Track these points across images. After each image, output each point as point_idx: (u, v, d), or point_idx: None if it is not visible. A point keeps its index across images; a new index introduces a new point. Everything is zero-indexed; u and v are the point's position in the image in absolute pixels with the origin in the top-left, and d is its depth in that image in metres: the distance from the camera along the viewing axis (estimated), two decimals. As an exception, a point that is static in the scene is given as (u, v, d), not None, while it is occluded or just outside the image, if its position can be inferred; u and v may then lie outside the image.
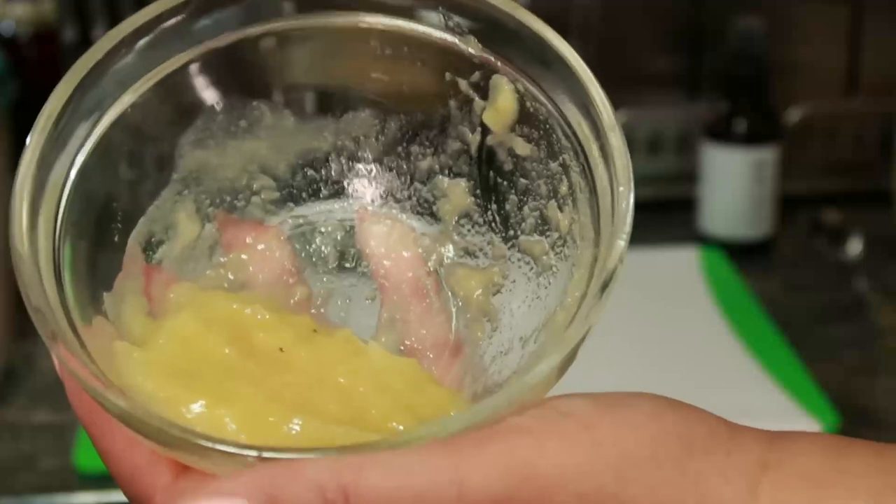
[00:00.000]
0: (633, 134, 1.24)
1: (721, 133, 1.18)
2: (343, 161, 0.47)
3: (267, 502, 0.34)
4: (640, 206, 0.40)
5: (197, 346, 0.41)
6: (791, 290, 1.14)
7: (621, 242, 0.39)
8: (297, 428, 0.38)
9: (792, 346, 1.02)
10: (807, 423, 0.90)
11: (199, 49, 0.44)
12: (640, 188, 0.39)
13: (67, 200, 0.41)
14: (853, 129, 1.26)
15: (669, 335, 1.04)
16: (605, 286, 0.38)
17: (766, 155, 1.18)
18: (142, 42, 0.43)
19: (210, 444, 0.35)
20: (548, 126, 0.42)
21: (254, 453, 0.35)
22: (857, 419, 0.94)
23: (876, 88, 1.25)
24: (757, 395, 0.95)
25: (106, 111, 0.42)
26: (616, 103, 0.40)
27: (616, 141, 0.40)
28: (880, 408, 0.97)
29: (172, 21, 0.43)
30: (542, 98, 0.42)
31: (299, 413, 0.39)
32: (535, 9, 0.42)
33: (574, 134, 0.41)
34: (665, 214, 1.25)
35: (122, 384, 0.39)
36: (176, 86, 0.44)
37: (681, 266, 1.15)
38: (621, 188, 0.39)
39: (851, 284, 1.14)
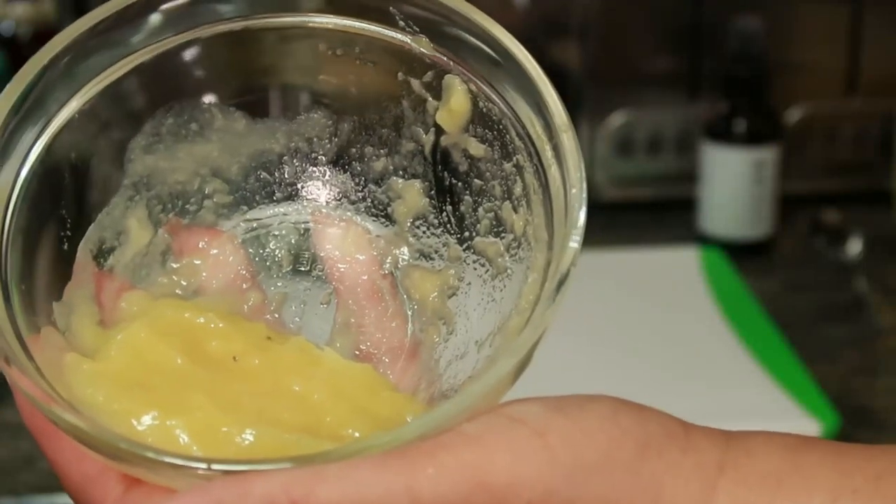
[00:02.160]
0: (633, 134, 1.24)
1: (721, 133, 1.18)
2: (296, 163, 0.46)
3: None
4: (640, 206, 0.40)
5: (148, 356, 0.41)
6: (791, 290, 1.14)
7: (574, 245, 0.38)
8: (251, 438, 0.38)
9: (792, 346, 1.01)
10: (806, 424, 0.90)
11: (148, 52, 0.43)
12: (640, 188, 0.39)
13: (14, 207, 0.40)
14: (853, 129, 1.26)
15: (669, 335, 1.04)
16: (557, 290, 0.38)
17: (766, 155, 1.18)
18: (89, 46, 0.42)
19: (158, 457, 0.35)
20: (501, 126, 0.42)
21: (203, 465, 0.35)
22: (856, 419, 0.94)
23: (876, 88, 1.25)
24: (757, 395, 0.95)
25: (53, 117, 0.42)
26: (616, 103, 0.40)
27: (569, 142, 0.39)
28: (880, 408, 0.97)
29: (120, 24, 0.42)
30: (495, 98, 0.42)
31: (253, 422, 0.38)
32: (535, 9, 0.42)
33: (527, 134, 0.41)
34: (665, 214, 1.25)
35: (72, 397, 0.38)
36: (124, 90, 0.43)
37: (681, 266, 1.15)
38: (573, 190, 0.39)
39: (851, 284, 1.14)
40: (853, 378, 1.00)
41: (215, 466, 0.35)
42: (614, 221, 1.25)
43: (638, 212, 1.25)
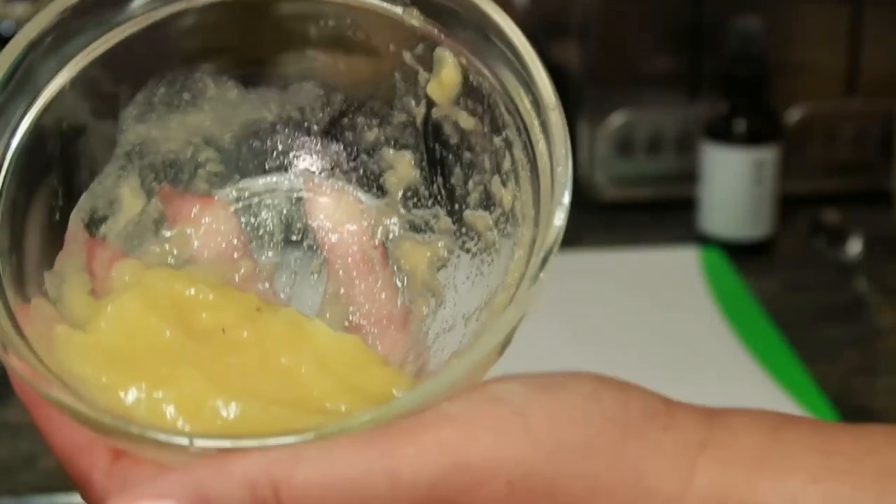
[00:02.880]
0: (633, 134, 1.24)
1: (721, 133, 1.18)
2: (289, 132, 0.47)
3: (197, 501, 0.34)
4: (640, 206, 0.40)
5: (138, 329, 0.41)
6: (791, 290, 1.14)
7: (558, 223, 0.38)
8: (238, 411, 0.38)
9: (792, 346, 1.02)
10: (807, 423, 0.90)
11: (139, 22, 0.43)
12: (640, 188, 0.40)
13: (4, 180, 0.41)
14: (853, 129, 1.26)
15: (669, 335, 1.04)
16: (540, 269, 0.38)
17: (766, 155, 1.18)
18: (78, 18, 0.42)
19: (141, 433, 0.35)
20: (491, 100, 0.42)
21: (185, 440, 0.35)
22: (856, 419, 0.94)
23: (876, 88, 1.25)
24: (756, 395, 0.95)
25: (43, 88, 0.42)
26: (616, 103, 0.40)
27: (556, 120, 0.40)
28: (880, 408, 0.97)
29: None
30: (486, 72, 0.42)
31: (240, 396, 0.39)
32: (535, 8, 0.43)
33: (517, 110, 0.41)
34: (665, 214, 1.25)
35: (61, 369, 0.38)
36: (115, 61, 0.43)
37: (681, 266, 1.15)
38: (559, 168, 0.39)
39: (851, 284, 1.14)
40: (853, 378, 1.00)
41: (197, 442, 0.35)
42: (614, 221, 1.25)
43: (638, 212, 1.25)
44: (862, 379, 1.01)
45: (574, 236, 1.24)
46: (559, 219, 0.38)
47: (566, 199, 0.39)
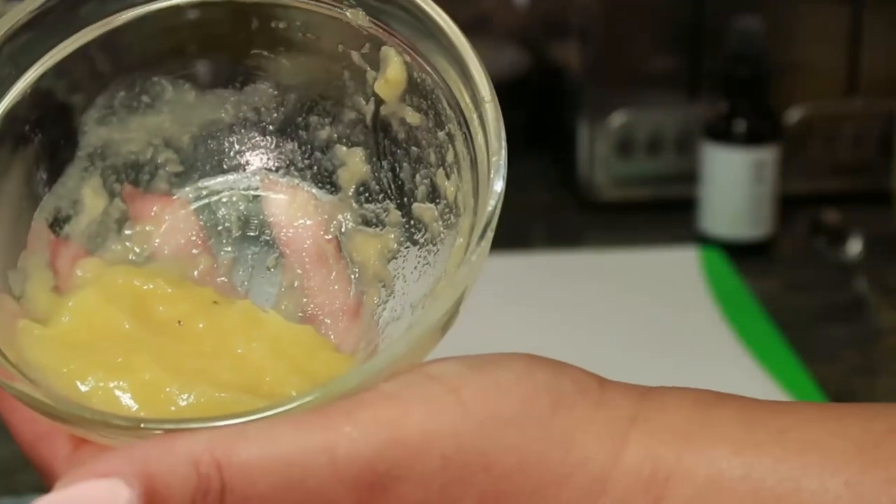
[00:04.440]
0: (633, 134, 1.24)
1: (721, 133, 1.18)
2: (245, 132, 0.48)
3: (142, 478, 0.35)
4: (639, 206, 0.41)
5: (97, 321, 0.43)
6: (791, 290, 1.14)
7: (489, 209, 0.40)
8: (192, 398, 0.40)
9: (792, 346, 1.02)
10: (807, 423, 0.90)
11: (97, 29, 0.45)
12: (640, 188, 0.40)
13: None
14: (853, 129, 1.26)
15: (669, 335, 1.04)
16: (474, 250, 0.39)
17: (766, 155, 1.18)
18: (39, 24, 0.44)
19: (93, 417, 0.37)
20: (434, 96, 0.44)
21: (133, 424, 0.37)
22: (857, 419, 0.94)
23: (876, 88, 1.25)
24: (756, 394, 0.94)
25: (5, 93, 0.43)
26: (616, 103, 0.41)
27: (491, 112, 0.41)
28: (880, 408, 0.97)
29: (67, 3, 0.44)
30: (428, 69, 0.44)
31: (194, 383, 0.40)
32: (535, 9, 0.43)
33: (457, 104, 0.43)
34: (665, 214, 1.25)
35: (22, 360, 0.40)
36: (74, 65, 0.45)
37: (681, 266, 1.15)
38: (494, 158, 0.41)
39: (851, 284, 1.14)
40: (853, 378, 1.00)
41: (144, 425, 0.37)
42: (614, 221, 1.25)
43: (638, 212, 1.25)
44: (862, 379, 1.01)
45: (574, 236, 1.25)
46: (490, 205, 0.40)
47: (498, 186, 0.40)
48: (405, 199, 0.46)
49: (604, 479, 0.38)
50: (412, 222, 0.46)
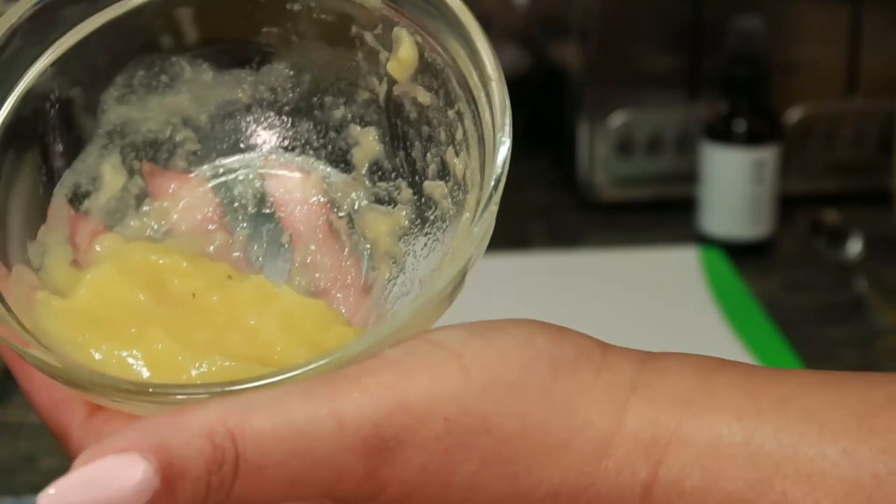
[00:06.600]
0: (633, 134, 1.24)
1: (721, 133, 1.18)
2: (261, 112, 0.49)
3: (158, 452, 0.35)
4: (639, 206, 0.41)
5: (113, 294, 0.44)
6: (791, 290, 1.14)
7: (492, 183, 0.41)
8: (203, 367, 0.41)
9: (792, 346, 1.02)
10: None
11: (116, 9, 0.46)
12: (640, 188, 0.40)
13: None
14: (853, 129, 1.26)
15: (669, 335, 1.04)
16: (478, 222, 0.40)
17: (766, 155, 1.18)
18: (58, 4, 0.45)
19: (104, 382, 0.38)
20: (444, 75, 0.45)
21: (140, 389, 0.38)
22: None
23: (876, 88, 1.25)
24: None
25: (27, 70, 0.44)
26: (616, 103, 0.41)
27: (497, 90, 0.42)
28: (880, 408, 0.97)
29: None
30: (438, 49, 0.45)
31: (205, 353, 0.41)
32: (535, 9, 0.44)
33: (466, 83, 0.44)
34: (665, 214, 1.25)
35: (38, 330, 0.41)
36: (94, 45, 0.46)
37: (680, 266, 1.15)
38: (499, 134, 0.42)
39: (851, 284, 1.14)
40: (853, 378, 1.00)
41: (153, 390, 0.38)
42: (614, 221, 1.25)
43: (638, 212, 1.25)
44: (862, 379, 1.01)
45: (574, 236, 1.25)
46: (494, 177, 0.41)
47: (500, 160, 0.41)
48: (416, 178, 0.47)
49: (605, 444, 0.38)
50: (423, 200, 0.47)
